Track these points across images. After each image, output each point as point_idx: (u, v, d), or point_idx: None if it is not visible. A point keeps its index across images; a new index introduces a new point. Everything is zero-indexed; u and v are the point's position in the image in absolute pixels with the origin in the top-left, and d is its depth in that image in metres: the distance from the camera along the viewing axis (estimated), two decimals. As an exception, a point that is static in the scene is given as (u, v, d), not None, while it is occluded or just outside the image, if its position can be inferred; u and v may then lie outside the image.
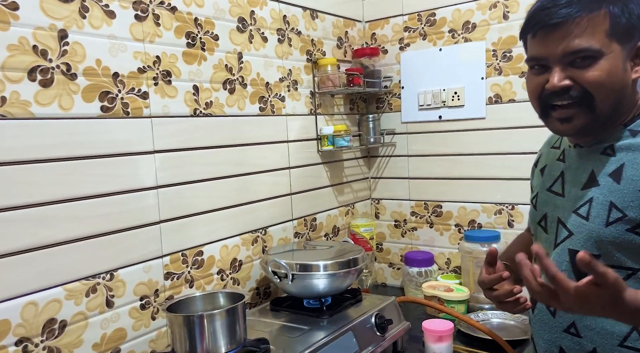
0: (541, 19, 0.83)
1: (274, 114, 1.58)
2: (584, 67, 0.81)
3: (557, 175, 0.97)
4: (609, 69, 0.80)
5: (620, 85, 0.82)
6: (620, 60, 0.81)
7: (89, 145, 1.10)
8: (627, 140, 0.85)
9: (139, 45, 1.19)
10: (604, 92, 0.81)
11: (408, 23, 1.87)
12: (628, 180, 0.82)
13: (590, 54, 0.80)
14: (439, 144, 1.85)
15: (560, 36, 0.81)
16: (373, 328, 1.32)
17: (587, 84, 0.81)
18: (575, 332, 0.89)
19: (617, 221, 0.82)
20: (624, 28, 0.81)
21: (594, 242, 0.85)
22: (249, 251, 1.50)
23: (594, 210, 0.85)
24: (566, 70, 0.82)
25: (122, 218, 1.16)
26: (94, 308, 1.10)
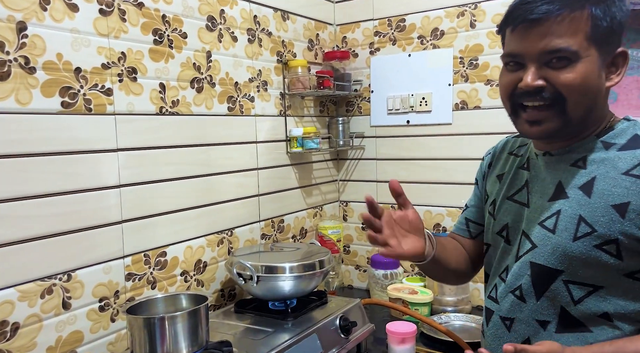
0: (522, 13, 0.79)
1: (243, 114, 1.57)
2: (559, 68, 0.78)
3: (521, 185, 0.93)
4: (584, 73, 0.78)
5: (594, 91, 0.80)
6: (596, 66, 0.79)
7: (48, 142, 1.06)
8: (599, 153, 0.83)
9: (103, 40, 1.16)
10: (577, 95, 0.79)
11: (378, 28, 1.89)
12: (599, 194, 0.80)
13: (567, 55, 0.77)
14: (406, 148, 1.87)
15: (540, 33, 0.78)
16: (337, 331, 1.32)
17: (561, 86, 0.78)
18: None
19: (586, 236, 0.80)
20: (604, 33, 0.78)
21: (559, 256, 0.83)
22: (214, 252, 1.48)
23: (561, 223, 0.83)
24: (541, 70, 0.80)
25: (82, 217, 1.12)
26: (49, 310, 1.07)
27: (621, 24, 0.79)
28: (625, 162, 0.80)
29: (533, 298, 0.86)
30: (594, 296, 0.81)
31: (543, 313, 0.85)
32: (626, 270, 0.79)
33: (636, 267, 0.79)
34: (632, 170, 0.78)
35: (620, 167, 0.80)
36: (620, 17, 0.79)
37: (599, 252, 0.79)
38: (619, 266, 0.78)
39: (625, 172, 0.79)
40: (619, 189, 0.78)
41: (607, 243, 0.78)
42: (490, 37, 1.68)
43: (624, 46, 0.83)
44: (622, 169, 0.79)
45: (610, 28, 0.78)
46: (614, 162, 0.81)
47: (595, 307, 0.81)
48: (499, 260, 0.96)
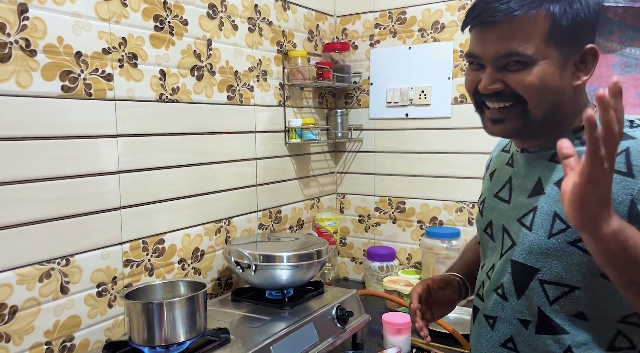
0: (479, 13, 0.77)
1: (242, 103, 1.57)
2: (516, 71, 0.76)
3: (505, 181, 0.92)
4: (542, 75, 0.75)
5: (555, 91, 0.77)
6: (557, 66, 0.76)
7: (48, 126, 1.06)
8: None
9: (104, 25, 1.16)
10: (536, 97, 0.77)
11: (379, 20, 1.89)
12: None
13: (523, 59, 0.75)
14: (405, 141, 1.87)
15: (495, 36, 0.76)
16: (334, 320, 1.33)
17: (519, 89, 0.77)
18: (512, 347, 0.86)
19: (560, 233, 0.78)
20: (566, 31, 0.75)
21: (535, 254, 0.81)
22: (211, 241, 1.48)
23: (537, 220, 0.81)
24: (498, 73, 0.78)
25: (81, 202, 1.12)
26: (47, 294, 1.06)
27: (587, 21, 0.76)
28: None
29: (514, 297, 0.85)
30: (569, 296, 0.79)
31: (524, 312, 0.84)
32: (601, 270, 0.74)
33: None
34: None
35: None
36: (585, 14, 0.75)
37: (573, 249, 0.77)
38: (594, 264, 0.74)
39: None
40: None
41: (581, 240, 0.74)
42: (491, 31, 1.68)
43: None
44: None
45: (572, 27, 0.75)
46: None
47: (570, 307, 0.80)
48: (486, 258, 0.96)
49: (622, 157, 0.74)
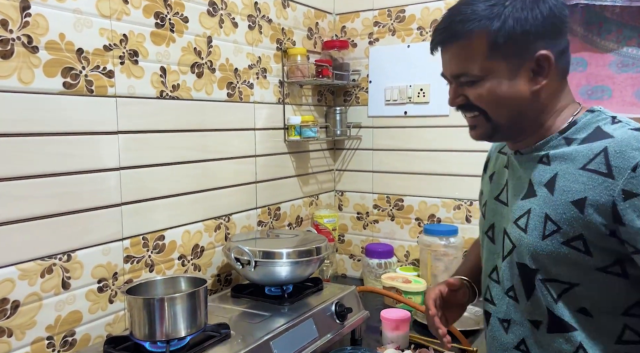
0: (433, 39, 0.87)
1: (242, 100, 1.57)
2: (470, 86, 0.83)
3: (504, 184, 0.95)
4: (491, 88, 0.81)
5: (510, 99, 0.82)
6: (507, 77, 0.81)
7: (49, 122, 1.06)
8: (562, 149, 0.83)
9: (105, 21, 1.16)
10: (492, 107, 0.83)
11: (378, 18, 1.90)
12: (560, 191, 0.80)
13: (470, 75, 0.82)
14: (403, 139, 1.89)
15: (447, 58, 0.85)
16: (333, 316, 1.34)
17: (475, 100, 0.84)
18: (525, 349, 0.88)
19: (553, 234, 0.80)
20: (506, 46, 0.79)
21: (532, 256, 0.83)
22: (211, 237, 1.49)
23: (531, 222, 0.83)
24: (459, 88, 0.86)
25: (82, 198, 1.13)
26: (49, 289, 1.07)
27: (530, 32, 0.79)
28: (583, 156, 0.79)
29: (524, 298, 0.86)
30: (570, 292, 0.81)
31: (534, 313, 0.85)
32: (597, 266, 0.78)
33: (607, 261, 0.78)
34: (588, 165, 0.78)
35: (578, 161, 0.79)
36: (524, 27, 0.79)
37: (567, 249, 0.79)
38: (589, 262, 0.78)
39: (582, 167, 0.78)
40: (576, 185, 0.78)
41: (574, 240, 0.78)
42: (489, 30, 1.69)
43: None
44: (580, 163, 0.79)
45: (512, 41, 0.79)
46: (572, 157, 0.80)
47: (573, 303, 0.81)
48: (487, 260, 0.97)
49: (602, 158, 0.77)
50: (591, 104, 1.80)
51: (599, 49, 1.86)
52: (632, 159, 0.74)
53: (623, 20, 1.82)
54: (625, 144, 0.75)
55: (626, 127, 0.79)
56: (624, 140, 0.76)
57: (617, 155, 0.75)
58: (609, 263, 0.78)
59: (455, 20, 0.82)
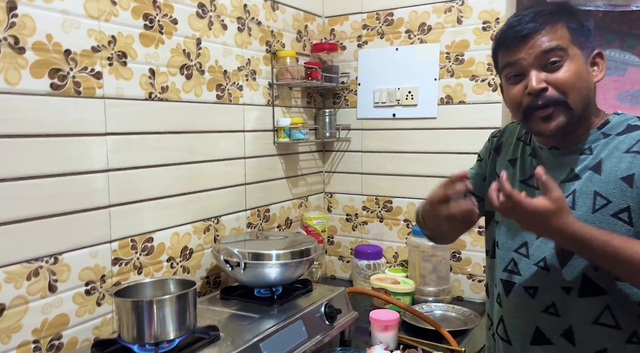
0: (511, 34, 0.95)
1: (231, 102, 1.57)
2: (555, 70, 0.92)
3: (532, 172, 1.02)
4: (576, 70, 0.92)
5: (586, 85, 0.94)
6: (583, 63, 0.93)
7: (36, 123, 1.05)
8: (602, 141, 0.96)
9: (93, 23, 1.15)
10: (575, 90, 0.92)
11: (367, 21, 1.91)
12: (608, 171, 0.92)
13: (559, 54, 0.91)
14: (392, 141, 1.90)
15: (531, 45, 0.93)
16: (322, 317, 1.34)
17: (561, 84, 0.92)
18: (554, 311, 0.96)
19: (603, 208, 0.91)
20: (581, 37, 0.93)
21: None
22: (200, 239, 1.48)
23: (579, 200, 0.94)
24: (541, 74, 0.93)
25: (69, 200, 1.12)
26: (35, 292, 1.06)
27: (591, 31, 0.95)
28: (625, 143, 0.93)
29: (558, 267, 0.95)
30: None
31: (566, 280, 0.95)
32: (639, 236, 0.89)
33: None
34: (632, 148, 0.92)
35: (622, 147, 0.93)
36: (589, 26, 0.95)
37: (615, 220, 0.91)
38: (630, 232, 0.90)
39: (626, 151, 0.92)
40: (623, 164, 0.91)
41: (622, 212, 0.90)
42: (476, 33, 1.71)
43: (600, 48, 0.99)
44: (624, 148, 0.93)
45: (585, 34, 0.94)
46: (616, 145, 0.94)
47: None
48: (512, 237, 1.04)
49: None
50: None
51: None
52: None
53: (605, 25, 1.86)
54: None
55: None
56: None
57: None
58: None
59: (542, 13, 0.93)
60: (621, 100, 1.89)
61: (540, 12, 0.94)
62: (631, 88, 1.86)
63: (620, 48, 1.85)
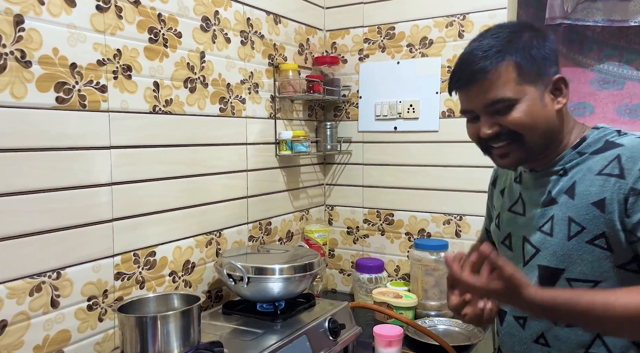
0: (459, 78, 0.94)
1: (234, 115, 1.57)
2: (506, 113, 0.90)
3: (517, 197, 1.05)
4: (527, 110, 0.89)
5: (543, 119, 0.91)
6: (537, 99, 0.91)
7: (41, 137, 1.05)
8: (576, 161, 0.94)
9: (99, 36, 1.15)
10: (529, 129, 0.90)
11: (368, 35, 1.92)
12: (580, 196, 0.90)
13: (506, 104, 0.90)
14: (393, 154, 1.90)
15: (477, 92, 0.91)
16: (326, 333, 1.33)
17: (513, 126, 0.90)
18: (544, 342, 0.95)
19: (578, 234, 0.89)
20: (532, 71, 0.90)
21: (559, 256, 0.92)
22: (202, 253, 1.47)
23: (556, 226, 0.92)
24: (492, 118, 0.92)
25: (73, 214, 1.11)
26: (37, 308, 1.04)
27: (546, 58, 0.91)
28: (598, 164, 0.90)
29: None
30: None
31: None
32: (618, 262, 0.87)
33: (626, 258, 0.86)
34: (603, 170, 0.89)
35: (594, 169, 0.90)
36: (543, 53, 0.91)
37: (592, 247, 0.88)
38: (611, 258, 0.87)
39: (598, 173, 0.90)
40: (594, 188, 0.89)
41: (597, 238, 0.87)
42: (477, 48, 1.72)
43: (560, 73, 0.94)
44: (596, 170, 0.90)
45: (535, 66, 0.90)
46: (588, 166, 0.92)
47: None
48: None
49: (615, 163, 0.88)
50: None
51: (581, 66, 1.91)
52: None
53: (603, 39, 1.88)
54: (635, 149, 0.87)
55: (633, 136, 0.91)
56: (633, 146, 0.88)
57: (629, 159, 0.86)
58: (628, 260, 0.86)
59: (478, 58, 0.90)
60: (620, 114, 1.90)
61: (486, 50, 0.90)
62: (630, 102, 1.87)
63: (618, 62, 1.87)
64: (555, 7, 1.81)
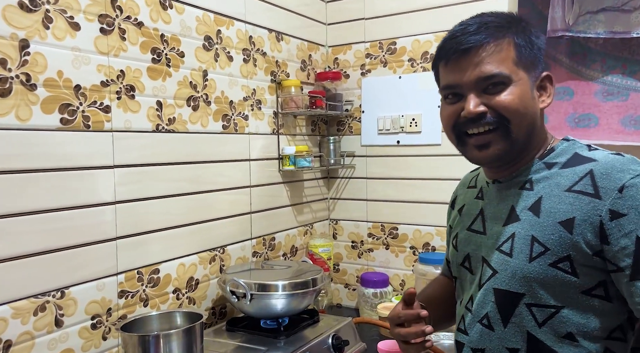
0: (452, 46, 0.84)
1: (237, 132, 1.59)
2: (497, 93, 0.82)
3: (477, 213, 0.95)
4: (520, 94, 0.82)
5: (532, 111, 0.84)
6: (529, 88, 0.83)
7: (46, 158, 1.06)
8: (542, 173, 0.85)
9: (103, 58, 1.18)
10: (518, 116, 0.82)
11: (370, 50, 1.94)
12: (547, 213, 0.81)
13: (501, 80, 0.81)
14: (396, 167, 1.90)
15: (472, 62, 0.82)
16: (330, 349, 1.32)
17: (502, 108, 0.81)
18: None
19: (540, 255, 0.80)
20: (528, 58, 0.83)
21: (519, 279, 0.83)
22: (206, 270, 1.48)
23: (516, 246, 0.83)
24: (480, 97, 0.83)
25: (77, 233, 1.12)
26: (41, 327, 1.05)
27: (541, 50, 0.86)
28: (567, 179, 0.82)
29: (500, 325, 0.85)
30: (556, 317, 0.81)
31: (512, 340, 0.84)
32: (583, 288, 0.79)
33: (591, 283, 0.79)
34: (574, 187, 0.80)
35: (563, 184, 0.82)
36: (539, 44, 0.85)
37: (555, 271, 0.79)
38: (576, 284, 0.79)
39: (567, 189, 0.81)
40: (563, 206, 0.80)
41: (561, 261, 0.79)
42: (478, 61, 1.73)
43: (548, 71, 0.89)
44: (565, 186, 0.81)
45: (533, 54, 0.84)
46: (557, 180, 0.83)
47: (559, 328, 0.81)
48: (464, 291, 0.97)
49: (588, 180, 0.80)
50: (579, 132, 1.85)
51: (585, 78, 1.92)
52: (618, 181, 0.76)
53: (606, 51, 1.88)
54: (610, 166, 0.78)
55: (605, 152, 0.83)
56: (608, 163, 0.79)
57: (604, 176, 0.78)
58: (593, 285, 0.79)
59: (488, 25, 0.83)
60: (625, 125, 1.90)
61: (486, 23, 0.83)
62: (635, 113, 1.87)
63: (622, 74, 1.87)
64: (556, 20, 1.82)
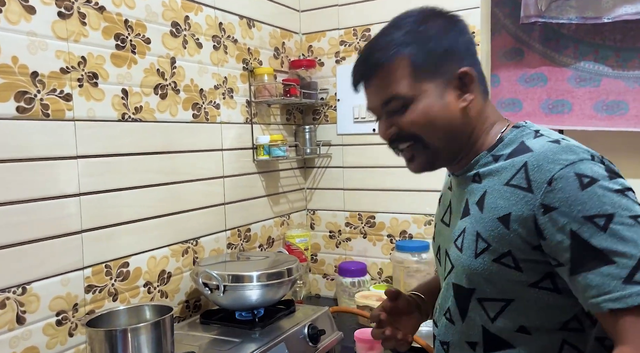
0: (355, 74, 0.86)
1: (208, 121, 1.55)
2: (401, 114, 0.82)
3: (447, 205, 0.95)
4: (423, 109, 0.81)
5: (444, 119, 0.82)
6: (436, 97, 0.81)
7: (2, 148, 1.01)
8: (489, 166, 0.83)
9: (62, 44, 1.13)
10: (426, 129, 0.82)
11: (344, 37, 1.91)
12: (488, 209, 0.80)
13: (400, 102, 0.81)
14: (372, 156, 1.89)
15: (373, 89, 0.84)
16: (306, 339, 1.31)
17: (407, 128, 0.82)
18: None
19: (484, 252, 0.79)
20: (430, 66, 0.81)
21: (467, 275, 0.82)
22: (178, 262, 1.44)
23: (465, 242, 0.82)
24: (390, 119, 0.84)
25: (39, 227, 1.07)
26: (2, 325, 1.01)
27: (449, 51, 0.82)
28: (507, 172, 0.79)
29: (459, 319, 0.85)
30: (507, 311, 0.80)
31: (470, 334, 0.84)
32: (529, 281, 0.78)
33: (536, 277, 0.77)
34: (511, 180, 0.78)
35: (503, 178, 0.79)
36: (445, 45, 0.82)
37: (499, 266, 0.78)
38: (521, 278, 0.77)
39: (506, 183, 0.79)
40: (501, 201, 0.78)
41: (504, 256, 0.77)
42: (453, 47, 1.72)
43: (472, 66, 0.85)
44: (504, 179, 0.79)
45: (432, 61, 0.81)
46: (499, 174, 0.81)
47: (511, 322, 0.80)
48: (442, 283, 0.96)
49: (522, 173, 0.77)
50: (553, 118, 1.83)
51: (558, 64, 1.92)
52: (547, 173, 0.73)
53: (579, 37, 1.89)
54: (542, 157, 0.75)
55: (545, 140, 0.79)
56: (540, 153, 0.76)
57: (535, 169, 0.75)
58: (540, 279, 0.77)
59: (374, 51, 0.83)
60: (597, 110, 1.91)
61: (374, 47, 0.83)
62: (606, 98, 1.88)
63: (594, 60, 1.88)
64: (529, 6, 1.82)
